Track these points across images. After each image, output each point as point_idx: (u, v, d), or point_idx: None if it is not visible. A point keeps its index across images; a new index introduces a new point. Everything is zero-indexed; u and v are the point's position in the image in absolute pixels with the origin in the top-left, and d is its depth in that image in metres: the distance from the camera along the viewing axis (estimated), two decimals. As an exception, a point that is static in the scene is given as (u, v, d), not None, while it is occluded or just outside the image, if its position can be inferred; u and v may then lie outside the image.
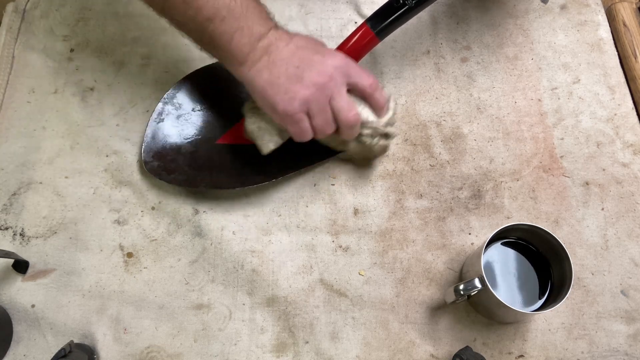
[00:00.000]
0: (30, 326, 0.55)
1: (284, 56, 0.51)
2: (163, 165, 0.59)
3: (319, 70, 0.51)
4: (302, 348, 0.54)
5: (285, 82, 0.50)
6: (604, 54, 0.68)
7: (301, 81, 0.50)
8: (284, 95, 0.50)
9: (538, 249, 0.54)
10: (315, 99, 0.51)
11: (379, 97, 0.54)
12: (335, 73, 0.51)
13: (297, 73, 0.50)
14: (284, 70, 0.50)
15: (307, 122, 0.52)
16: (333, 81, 0.51)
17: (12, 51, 0.67)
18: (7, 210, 0.60)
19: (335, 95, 0.51)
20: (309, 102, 0.50)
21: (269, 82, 0.50)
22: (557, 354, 0.54)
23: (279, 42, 0.51)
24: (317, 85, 0.50)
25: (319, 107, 0.51)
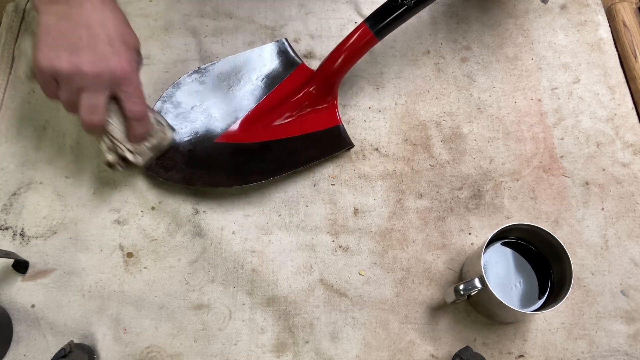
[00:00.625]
0: (30, 326, 0.55)
1: (80, 19, 0.48)
2: (160, 162, 0.59)
3: (95, 61, 0.48)
4: (302, 348, 0.54)
5: (58, 41, 0.48)
6: (604, 54, 0.68)
7: (72, 54, 0.48)
8: (48, 51, 0.48)
9: (538, 249, 0.54)
10: (68, 79, 0.48)
11: (137, 127, 0.53)
12: (105, 75, 0.49)
13: (75, 44, 0.48)
14: (69, 30, 0.48)
15: (52, 87, 0.50)
16: (97, 79, 0.49)
17: (12, 51, 0.67)
18: (7, 210, 0.60)
19: (89, 92, 0.49)
20: (60, 75, 0.48)
21: (48, 28, 0.48)
22: (557, 354, 0.54)
23: (85, 1, 0.48)
24: (78, 70, 0.48)
25: (67, 87, 0.49)
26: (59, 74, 0.48)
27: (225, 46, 0.68)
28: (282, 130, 0.62)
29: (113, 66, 0.49)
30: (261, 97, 0.64)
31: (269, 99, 0.63)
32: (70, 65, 0.48)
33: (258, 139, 0.62)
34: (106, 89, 0.50)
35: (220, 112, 0.62)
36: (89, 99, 0.50)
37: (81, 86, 0.49)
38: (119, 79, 0.50)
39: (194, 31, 0.69)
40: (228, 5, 0.71)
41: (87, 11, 0.48)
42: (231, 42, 0.68)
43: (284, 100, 0.63)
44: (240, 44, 0.68)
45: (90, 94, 0.49)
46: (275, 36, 0.69)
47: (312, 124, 0.63)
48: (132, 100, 0.52)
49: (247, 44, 0.68)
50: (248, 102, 0.63)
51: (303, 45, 0.68)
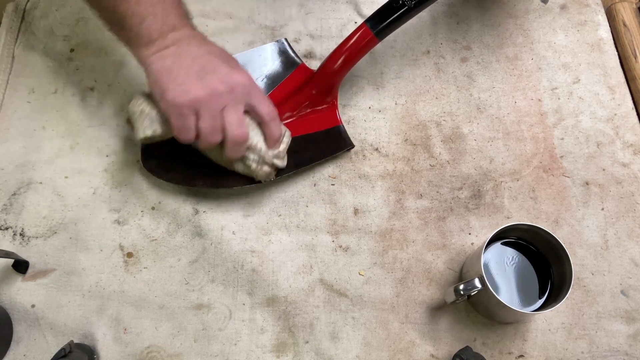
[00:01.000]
0: (30, 326, 0.55)
1: (193, 54, 0.50)
2: (161, 163, 0.59)
3: (222, 78, 0.50)
4: (302, 348, 0.54)
5: (183, 75, 0.49)
6: (604, 54, 0.68)
7: (200, 80, 0.49)
8: (178, 86, 0.49)
9: (538, 249, 0.54)
10: (208, 102, 0.49)
11: (274, 128, 0.54)
12: (236, 87, 0.50)
13: (200, 72, 0.49)
14: (188, 65, 0.49)
15: (192, 121, 0.50)
16: (232, 94, 0.50)
17: (12, 51, 0.68)
18: (7, 210, 0.60)
19: (230, 108, 0.51)
20: (200, 102, 0.49)
21: (167, 69, 0.49)
22: (557, 354, 0.54)
23: (191, 40, 0.51)
24: (214, 91, 0.49)
25: (209, 112, 0.50)
26: (198, 102, 0.49)
27: (226, 46, 0.67)
28: None
29: (240, 79, 0.51)
30: None
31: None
32: (205, 90, 0.49)
33: None
34: (241, 102, 0.51)
35: None
36: (231, 114, 0.51)
37: (221, 106, 0.50)
38: (248, 88, 0.52)
39: (194, 31, 0.69)
40: (228, 5, 0.71)
41: (195, 46, 0.51)
42: (231, 42, 0.68)
43: (284, 100, 0.63)
44: (240, 44, 0.68)
45: (231, 110, 0.51)
46: (275, 36, 0.69)
47: (313, 125, 0.63)
48: (265, 104, 0.53)
49: (247, 44, 0.68)
50: None
51: (303, 45, 0.68)
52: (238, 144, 0.52)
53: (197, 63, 0.50)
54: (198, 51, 0.51)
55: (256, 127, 0.55)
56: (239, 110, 0.51)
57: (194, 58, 0.50)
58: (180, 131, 0.51)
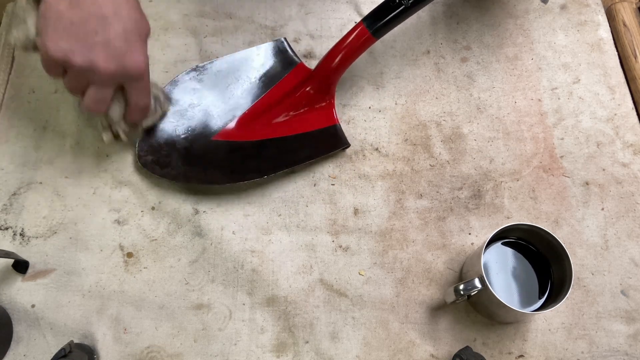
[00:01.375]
0: (30, 326, 0.55)
1: (95, 9, 0.45)
2: (157, 159, 0.59)
3: (110, 58, 0.46)
4: (302, 348, 0.54)
5: (72, 31, 0.45)
6: (604, 54, 0.68)
7: (85, 48, 0.45)
8: (60, 41, 0.45)
9: (538, 249, 0.54)
10: (80, 72, 0.47)
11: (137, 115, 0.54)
12: (120, 73, 0.48)
13: (89, 37, 0.45)
14: (82, 20, 0.45)
15: (58, 71, 0.49)
16: (110, 77, 0.47)
17: (12, 51, 0.67)
18: (7, 210, 0.60)
19: (99, 87, 0.48)
20: (72, 68, 0.47)
21: (59, 14, 0.45)
22: (557, 354, 0.54)
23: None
24: (92, 67, 0.46)
25: (77, 79, 0.48)
26: (70, 67, 0.47)
27: (225, 46, 0.68)
28: (279, 128, 0.62)
29: (128, 65, 0.48)
30: (259, 96, 0.64)
31: (267, 98, 0.63)
32: (84, 61, 0.46)
33: (255, 138, 0.62)
34: (115, 84, 0.50)
35: (218, 110, 0.62)
36: (97, 93, 0.49)
37: (92, 81, 0.48)
38: (132, 76, 0.49)
39: (194, 31, 0.69)
40: (228, 5, 0.71)
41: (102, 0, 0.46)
42: (231, 42, 0.68)
43: (281, 99, 0.63)
44: (240, 44, 0.68)
45: (98, 88, 0.49)
46: (275, 36, 0.69)
47: (309, 123, 0.63)
48: (140, 96, 0.52)
49: (247, 44, 0.68)
50: (246, 100, 0.63)
51: (303, 45, 0.68)
52: (90, 112, 0.51)
53: (92, 23, 0.45)
54: (102, 7, 0.45)
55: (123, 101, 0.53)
56: (106, 91, 0.49)
57: (93, 15, 0.45)
58: (45, 71, 0.49)
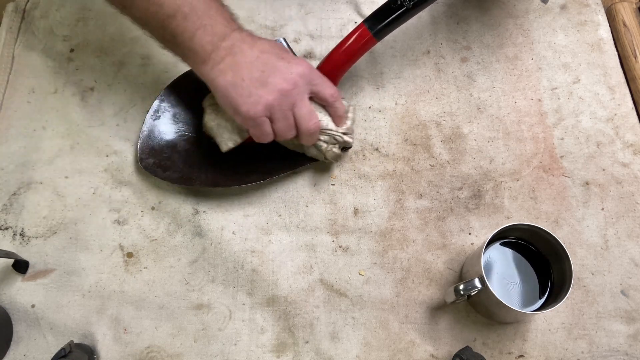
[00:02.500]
0: (30, 326, 0.55)
1: (249, 59, 0.51)
2: (158, 162, 0.59)
3: (284, 76, 0.51)
4: (302, 348, 0.54)
5: (249, 85, 0.50)
6: (604, 54, 0.68)
7: (265, 86, 0.50)
8: (248, 99, 0.50)
9: (538, 249, 0.54)
10: (279, 104, 0.51)
11: (339, 107, 0.56)
12: (299, 80, 0.52)
13: (262, 77, 0.51)
14: (248, 73, 0.51)
15: (268, 126, 0.52)
16: (297, 88, 0.52)
17: (12, 51, 0.67)
18: (7, 210, 0.60)
19: (298, 103, 0.52)
20: (272, 107, 0.51)
21: (232, 84, 0.50)
22: (557, 354, 0.54)
23: (242, 45, 0.51)
24: (281, 92, 0.51)
25: (281, 113, 0.52)
26: (270, 108, 0.51)
27: (225, 46, 0.68)
28: None
29: (299, 71, 0.52)
30: None
31: None
32: (273, 94, 0.50)
33: None
34: (306, 92, 0.53)
35: None
36: (301, 110, 0.53)
37: (291, 103, 0.52)
38: (308, 76, 0.53)
39: (194, 31, 0.69)
40: (228, 5, 0.71)
41: (248, 50, 0.51)
42: (231, 42, 0.68)
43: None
44: (240, 44, 0.68)
45: (299, 105, 0.52)
46: (275, 36, 0.69)
47: None
48: (327, 86, 0.55)
49: (247, 44, 0.68)
50: None
51: (303, 45, 0.68)
52: (312, 134, 0.54)
53: (256, 68, 0.51)
54: (252, 54, 0.51)
55: (321, 109, 0.56)
56: (306, 102, 0.53)
57: (251, 63, 0.51)
58: (259, 138, 0.54)
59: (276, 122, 0.52)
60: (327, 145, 0.57)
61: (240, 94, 0.50)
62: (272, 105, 0.51)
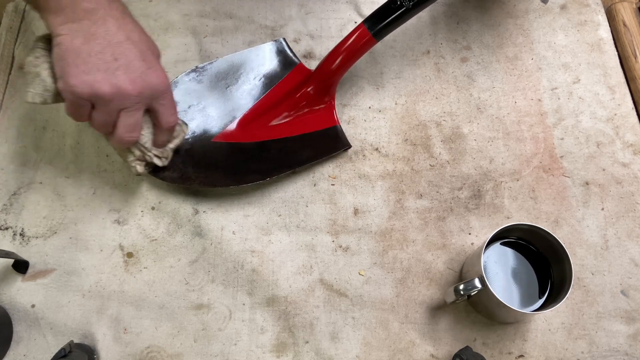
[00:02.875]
0: (30, 326, 0.55)
1: (109, 38, 0.46)
2: None
3: (134, 78, 0.47)
4: (302, 348, 0.54)
5: (92, 63, 0.45)
6: (604, 54, 0.68)
7: (109, 75, 0.46)
8: (83, 75, 0.45)
9: (538, 249, 0.54)
10: (109, 100, 0.47)
11: (167, 136, 0.54)
12: (145, 91, 0.48)
13: (110, 65, 0.46)
14: (100, 51, 0.46)
15: (85, 110, 0.48)
16: (138, 97, 0.48)
17: (12, 51, 0.68)
18: (7, 210, 0.60)
19: (130, 110, 0.49)
20: (100, 98, 0.47)
21: (76, 50, 0.45)
22: (557, 354, 0.54)
23: (108, 17, 0.46)
24: (120, 91, 0.47)
25: (106, 109, 0.48)
26: (99, 98, 0.47)
27: (225, 46, 0.68)
28: (279, 130, 0.62)
29: (152, 82, 0.48)
30: (259, 97, 0.64)
31: (267, 99, 0.63)
32: (111, 88, 0.46)
33: (255, 139, 0.62)
34: (144, 105, 0.50)
35: (218, 111, 0.62)
36: (128, 118, 0.49)
37: (122, 106, 0.48)
38: (158, 92, 0.49)
39: (194, 31, 0.69)
40: (228, 5, 0.71)
41: (112, 27, 0.47)
42: (231, 42, 0.68)
43: (281, 100, 0.63)
44: (240, 44, 0.68)
45: (129, 113, 0.49)
46: (275, 36, 0.69)
47: (310, 124, 0.63)
48: (168, 112, 0.52)
49: (247, 44, 0.68)
50: (246, 101, 0.63)
51: (303, 45, 0.68)
52: (124, 144, 0.51)
53: (110, 52, 0.46)
54: (116, 35, 0.46)
55: (151, 125, 0.53)
56: (137, 113, 0.49)
57: (109, 44, 0.46)
58: (70, 114, 0.49)
59: (96, 112, 0.48)
60: (133, 159, 0.54)
61: (76, 65, 0.45)
62: (102, 97, 0.46)
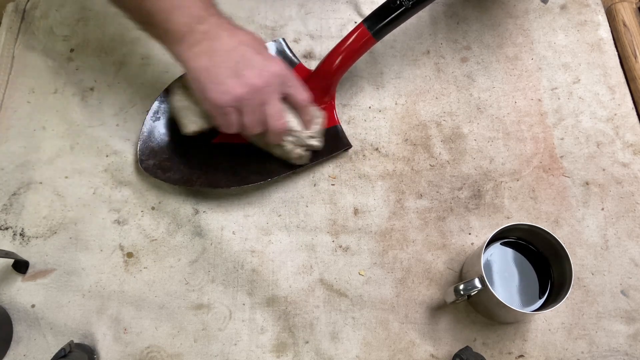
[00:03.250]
0: (30, 326, 0.55)
1: (226, 47, 0.50)
2: (158, 163, 0.59)
3: (259, 72, 0.51)
4: (302, 348, 0.54)
5: (222, 73, 0.50)
6: (604, 54, 0.68)
7: (238, 77, 0.50)
8: (218, 86, 0.50)
9: (538, 249, 0.54)
10: (249, 99, 0.51)
11: (309, 112, 0.56)
12: (273, 79, 0.52)
13: (237, 68, 0.50)
14: (224, 61, 0.50)
15: (234, 117, 0.52)
16: (270, 87, 0.51)
17: (12, 51, 0.67)
18: (7, 210, 0.60)
19: (269, 101, 0.52)
20: (241, 100, 0.51)
21: (206, 69, 0.50)
22: (557, 354, 0.54)
23: (221, 31, 0.51)
24: (253, 87, 0.50)
25: (250, 108, 0.51)
26: (239, 100, 0.50)
27: (225, 46, 0.68)
28: None
29: (274, 70, 0.52)
30: None
31: None
32: (244, 87, 0.50)
33: None
34: (278, 92, 0.53)
35: None
36: (272, 108, 0.52)
37: (261, 101, 0.51)
38: (283, 77, 0.53)
39: (194, 31, 0.69)
40: (228, 5, 0.71)
41: (225, 39, 0.51)
42: (231, 42, 0.68)
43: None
44: (240, 44, 0.68)
45: (270, 104, 0.52)
46: (275, 36, 0.69)
47: None
48: (300, 90, 0.55)
49: (247, 44, 0.68)
50: None
51: (303, 46, 0.68)
52: (279, 133, 0.55)
53: (232, 58, 0.50)
54: (230, 43, 0.51)
55: (291, 109, 0.56)
56: (277, 101, 0.53)
57: (228, 52, 0.50)
58: (224, 128, 0.53)
59: (244, 116, 0.52)
60: (292, 146, 0.57)
61: (211, 80, 0.50)
62: (241, 98, 0.50)
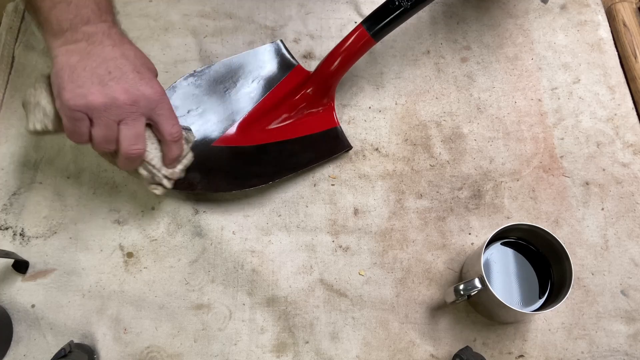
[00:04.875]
0: (30, 326, 0.55)
1: (105, 55, 0.47)
2: None
3: (127, 88, 0.47)
4: (302, 348, 0.54)
5: (87, 77, 0.46)
6: (604, 54, 0.68)
7: (103, 86, 0.46)
8: (77, 88, 0.46)
9: (538, 249, 0.54)
10: (104, 110, 0.47)
11: (174, 149, 0.52)
12: (141, 101, 0.48)
13: (104, 77, 0.47)
14: (95, 67, 0.47)
15: (84, 126, 0.48)
16: (134, 106, 0.48)
17: (12, 51, 0.68)
18: (7, 210, 0.60)
19: (128, 122, 0.48)
20: (95, 109, 0.46)
21: (71, 67, 0.46)
22: (557, 354, 0.54)
23: (106, 39, 0.48)
24: (114, 100, 0.47)
25: (104, 121, 0.47)
26: (93, 109, 0.46)
27: (225, 46, 0.68)
28: (279, 132, 0.62)
29: (146, 91, 0.48)
30: (258, 100, 0.63)
31: (266, 102, 0.63)
32: (104, 97, 0.46)
33: (256, 142, 0.62)
34: (143, 116, 0.49)
35: (217, 115, 0.62)
36: (129, 129, 0.48)
37: (119, 117, 0.48)
38: (154, 102, 0.49)
39: (194, 31, 0.69)
40: (228, 5, 0.71)
41: (108, 47, 0.48)
42: (231, 42, 0.68)
43: (280, 102, 0.63)
44: (240, 44, 0.68)
45: (129, 123, 0.48)
46: (275, 36, 0.69)
47: (310, 126, 0.63)
48: (169, 122, 0.51)
49: (247, 44, 0.68)
50: (245, 105, 0.63)
51: (303, 46, 0.68)
52: (131, 159, 0.50)
53: (104, 66, 0.47)
54: (111, 53, 0.48)
55: (156, 141, 0.52)
56: (137, 125, 0.49)
57: (104, 60, 0.47)
58: (71, 134, 0.48)
59: (95, 127, 0.47)
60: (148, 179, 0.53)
61: (72, 80, 0.46)
62: (95, 108, 0.46)
